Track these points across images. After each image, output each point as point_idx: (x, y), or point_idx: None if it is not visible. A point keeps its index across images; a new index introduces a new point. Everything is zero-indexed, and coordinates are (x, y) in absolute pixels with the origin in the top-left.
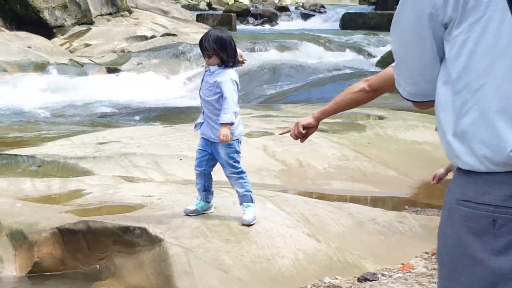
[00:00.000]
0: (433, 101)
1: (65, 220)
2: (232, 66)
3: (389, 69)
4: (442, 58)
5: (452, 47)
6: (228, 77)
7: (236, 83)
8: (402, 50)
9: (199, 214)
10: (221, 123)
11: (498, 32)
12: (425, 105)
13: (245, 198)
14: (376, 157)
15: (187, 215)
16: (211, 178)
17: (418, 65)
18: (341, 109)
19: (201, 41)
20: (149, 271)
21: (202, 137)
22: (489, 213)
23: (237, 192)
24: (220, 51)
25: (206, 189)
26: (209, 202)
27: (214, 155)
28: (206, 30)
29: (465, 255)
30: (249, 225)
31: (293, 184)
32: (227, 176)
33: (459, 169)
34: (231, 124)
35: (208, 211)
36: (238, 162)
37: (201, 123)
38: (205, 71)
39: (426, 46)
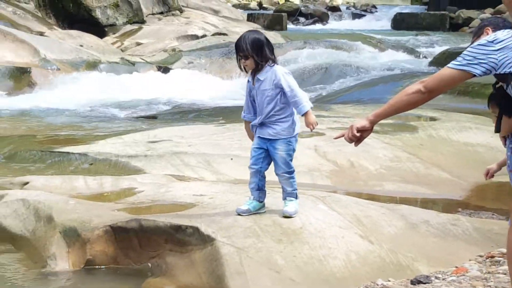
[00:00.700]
0: None
1: (118, 218)
2: (272, 66)
3: (445, 70)
4: None
5: None
6: (281, 72)
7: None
8: None
9: (251, 214)
10: (303, 114)
11: None
12: None
13: (291, 195)
14: (429, 159)
15: (239, 214)
16: (264, 177)
17: None
18: (396, 112)
19: (238, 43)
20: (200, 270)
21: (258, 136)
22: None
23: (284, 189)
24: (258, 53)
25: (260, 188)
26: (261, 202)
27: (271, 152)
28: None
29: None
30: (290, 217)
31: (344, 185)
32: (279, 175)
33: None
34: (289, 115)
35: (261, 211)
36: (292, 160)
37: (255, 126)
38: (248, 83)
39: None
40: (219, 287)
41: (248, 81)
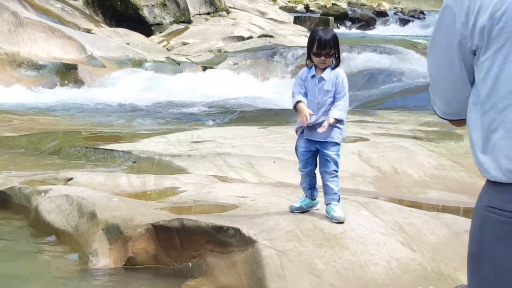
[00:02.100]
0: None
1: (160, 217)
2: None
3: None
4: (472, 81)
5: (480, 72)
6: (344, 76)
7: None
8: (435, 73)
9: (303, 212)
10: (334, 118)
11: None
12: (459, 122)
13: (336, 197)
14: (473, 168)
15: (292, 212)
16: (315, 176)
17: (450, 87)
18: None
19: (324, 39)
20: (241, 271)
21: (306, 138)
22: None
23: (329, 190)
24: (338, 50)
25: (312, 187)
26: (314, 199)
27: (322, 153)
28: (303, 32)
29: (489, 256)
30: (341, 222)
31: (387, 191)
32: (328, 173)
33: (488, 180)
34: (340, 121)
35: (314, 208)
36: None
37: (302, 127)
38: (312, 78)
39: (456, 70)
40: None
41: (314, 76)
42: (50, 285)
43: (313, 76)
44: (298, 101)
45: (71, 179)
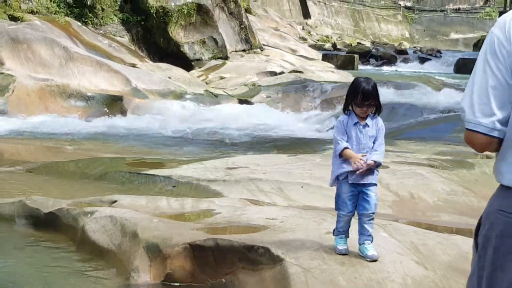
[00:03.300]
0: None
1: (196, 236)
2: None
3: None
4: None
5: None
6: (383, 124)
7: None
8: None
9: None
10: (374, 160)
11: None
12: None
13: (370, 238)
14: (483, 193)
15: (340, 254)
16: None
17: None
18: None
19: (368, 91)
20: (270, 287)
21: (351, 183)
22: None
23: (366, 231)
24: (379, 99)
25: (349, 227)
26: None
27: (365, 195)
28: (330, 68)
29: (503, 247)
30: (376, 260)
31: (404, 214)
32: (367, 215)
33: (501, 185)
34: (378, 165)
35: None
36: None
37: (346, 172)
38: (355, 125)
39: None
40: None
41: (357, 123)
42: None
43: (356, 123)
44: (346, 148)
45: (115, 201)
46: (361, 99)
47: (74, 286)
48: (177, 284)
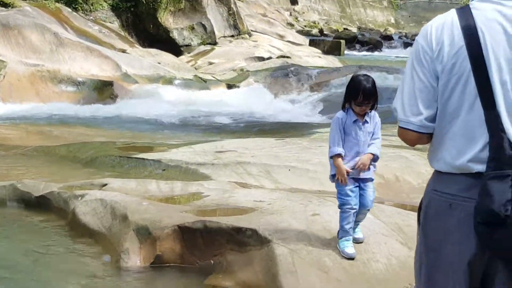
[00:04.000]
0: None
1: (185, 219)
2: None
3: None
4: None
5: (440, 93)
6: (379, 118)
7: None
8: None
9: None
10: (372, 153)
11: (464, 88)
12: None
13: (358, 224)
14: None
15: (350, 258)
16: None
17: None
18: None
19: (370, 90)
20: (257, 268)
21: (351, 178)
22: (448, 199)
23: (357, 222)
24: (377, 97)
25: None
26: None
27: (364, 191)
28: (317, 54)
29: (437, 223)
30: (361, 242)
31: (389, 197)
32: (362, 212)
33: (435, 170)
34: (376, 159)
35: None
36: None
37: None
38: (354, 122)
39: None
40: (273, 285)
41: (356, 120)
42: (85, 282)
43: (355, 121)
44: (338, 154)
45: (105, 185)
46: (362, 99)
47: (65, 268)
48: (167, 265)
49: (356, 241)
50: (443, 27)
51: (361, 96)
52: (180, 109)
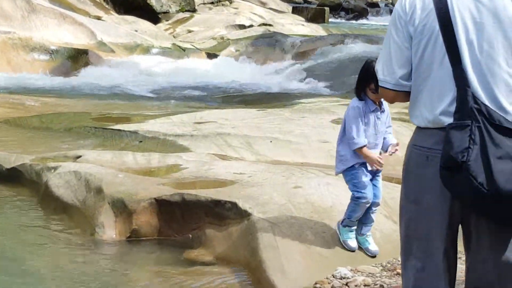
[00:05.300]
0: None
1: (162, 191)
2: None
3: None
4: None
5: (414, 53)
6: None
7: None
8: None
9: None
10: (393, 143)
11: (434, 47)
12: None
13: (371, 228)
14: None
15: (353, 251)
16: None
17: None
18: None
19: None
20: (237, 242)
21: (367, 169)
22: (425, 152)
23: (370, 221)
24: None
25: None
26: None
27: (375, 182)
28: (300, 22)
29: (416, 175)
30: (375, 256)
31: None
32: (376, 203)
33: (416, 126)
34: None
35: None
36: None
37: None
38: (373, 111)
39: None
40: (253, 259)
41: (374, 109)
42: (58, 256)
43: (374, 110)
44: (364, 145)
45: (80, 156)
46: (376, 85)
47: (37, 243)
48: (143, 239)
49: (372, 254)
50: None
51: (375, 82)
52: (158, 78)
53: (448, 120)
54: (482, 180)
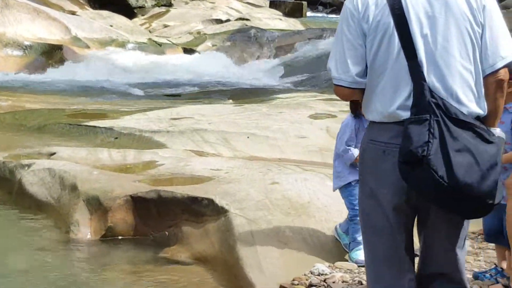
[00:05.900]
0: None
1: (138, 188)
2: None
3: None
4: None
5: (368, 50)
6: None
7: None
8: None
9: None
10: None
11: (389, 42)
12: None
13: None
14: None
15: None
16: None
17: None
18: None
19: None
20: (214, 239)
21: None
22: (381, 147)
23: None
24: None
25: None
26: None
27: None
28: (278, 16)
29: (372, 169)
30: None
31: None
32: None
33: (370, 121)
34: None
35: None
36: None
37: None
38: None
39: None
40: (230, 256)
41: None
42: (33, 255)
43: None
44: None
45: (54, 153)
46: None
47: (11, 242)
48: (119, 237)
49: (362, 263)
50: None
51: None
52: (134, 74)
53: (405, 114)
54: (443, 174)
